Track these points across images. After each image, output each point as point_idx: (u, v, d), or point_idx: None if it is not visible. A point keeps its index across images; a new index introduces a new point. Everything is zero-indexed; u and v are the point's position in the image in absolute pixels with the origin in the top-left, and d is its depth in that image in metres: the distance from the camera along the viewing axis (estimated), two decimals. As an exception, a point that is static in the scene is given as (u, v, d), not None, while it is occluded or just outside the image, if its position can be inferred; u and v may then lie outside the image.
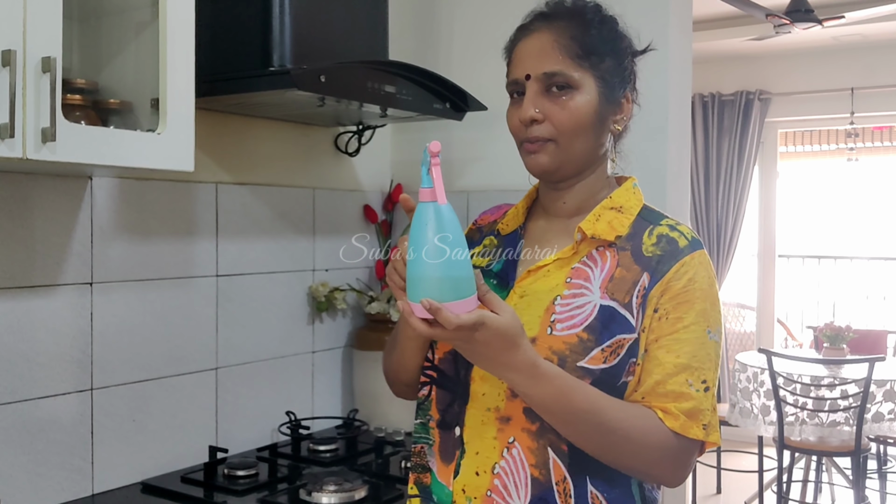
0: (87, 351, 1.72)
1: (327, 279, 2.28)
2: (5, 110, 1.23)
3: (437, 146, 1.05)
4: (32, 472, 1.63)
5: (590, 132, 1.21)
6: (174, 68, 1.49)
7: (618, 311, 1.16)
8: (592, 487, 1.15)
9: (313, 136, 2.26)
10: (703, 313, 1.15)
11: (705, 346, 1.15)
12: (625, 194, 1.26)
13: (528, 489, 1.15)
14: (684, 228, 1.22)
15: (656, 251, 1.18)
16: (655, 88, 2.09)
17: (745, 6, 3.96)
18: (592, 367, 1.13)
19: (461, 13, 2.38)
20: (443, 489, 1.21)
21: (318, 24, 1.87)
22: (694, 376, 1.13)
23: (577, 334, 1.14)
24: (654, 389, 1.13)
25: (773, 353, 3.90)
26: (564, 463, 1.14)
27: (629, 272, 1.17)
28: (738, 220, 6.08)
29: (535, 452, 1.15)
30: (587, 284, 1.18)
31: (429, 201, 1.05)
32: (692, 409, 1.12)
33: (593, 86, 1.20)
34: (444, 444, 1.23)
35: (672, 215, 1.27)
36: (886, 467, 4.50)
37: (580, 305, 1.16)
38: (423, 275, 1.05)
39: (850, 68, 5.69)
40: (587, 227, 1.20)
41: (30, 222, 1.62)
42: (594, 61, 1.20)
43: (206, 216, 1.97)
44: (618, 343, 1.15)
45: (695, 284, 1.15)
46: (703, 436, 1.13)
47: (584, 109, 1.20)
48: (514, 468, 1.16)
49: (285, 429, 2.12)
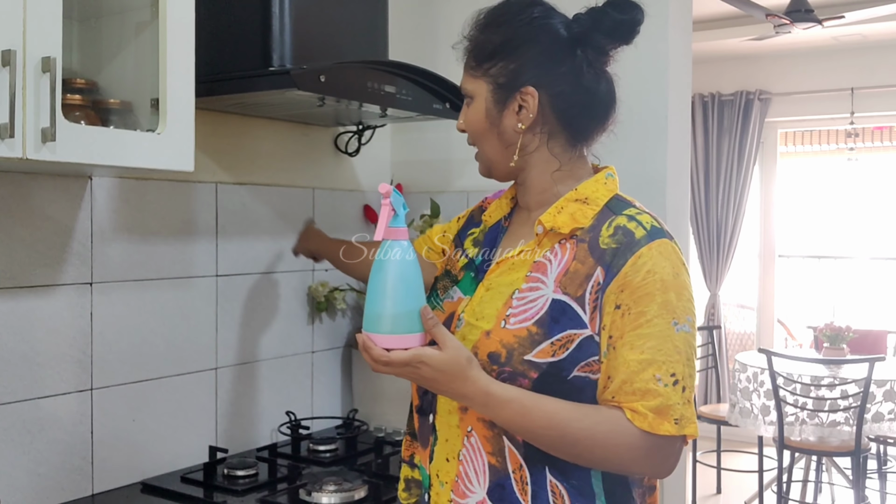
0: (87, 351, 1.72)
1: (327, 279, 2.28)
2: (5, 110, 1.23)
3: (385, 188, 1.14)
4: (32, 472, 1.63)
5: (489, 135, 1.25)
6: (174, 68, 1.49)
7: (569, 305, 1.15)
8: (551, 476, 1.16)
9: (313, 136, 2.26)
10: (665, 305, 1.12)
11: (671, 339, 1.12)
12: (592, 185, 1.23)
13: (487, 476, 1.18)
14: (646, 218, 1.18)
15: (612, 244, 1.15)
16: (655, 88, 2.09)
17: (745, 6, 3.95)
18: (539, 361, 1.14)
19: (461, 13, 2.37)
20: (423, 473, 1.29)
21: (318, 24, 1.87)
22: (661, 370, 1.11)
23: (528, 328, 1.16)
24: (621, 388, 1.12)
25: (773, 353, 3.90)
26: (520, 452, 1.17)
27: (583, 265, 1.16)
28: (738, 220, 6.08)
29: (490, 441, 1.19)
30: (543, 278, 1.18)
31: (385, 239, 1.16)
32: (660, 405, 1.10)
33: (484, 91, 1.24)
34: (421, 429, 1.29)
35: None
36: (886, 467, 4.50)
37: (534, 299, 1.17)
38: (369, 310, 1.14)
39: (850, 68, 5.69)
40: (546, 219, 1.21)
41: (30, 222, 1.62)
42: (486, 67, 1.23)
43: (205, 216, 1.97)
44: (567, 337, 1.14)
45: (654, 276, 1.12)
46: (676, 430, 1.10)
47: (475, 116, 1.25)
48: (473, 456, 1.20)
49: (285, 429, 2.12)
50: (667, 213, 2.07)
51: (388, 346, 1.12)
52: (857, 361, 3.91)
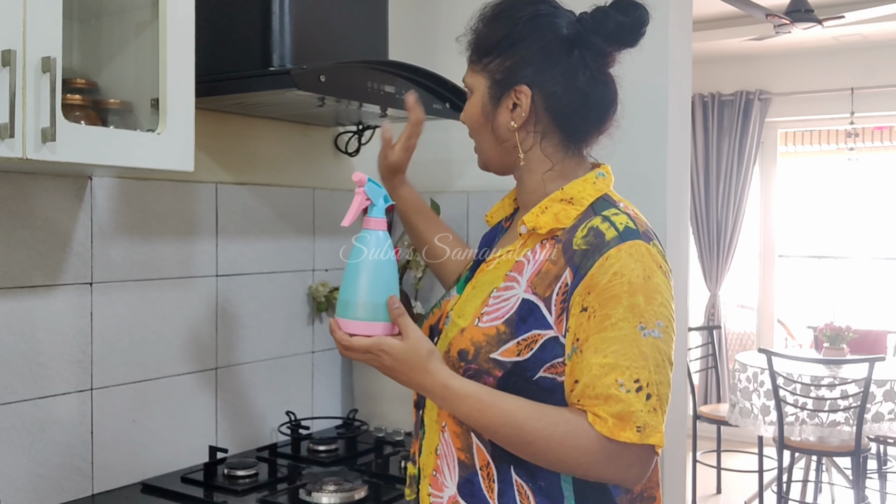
0: (87, 351, 1.72)
1: (327, 279, 2.28)
2: (5, 110, 1.23)
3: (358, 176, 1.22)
4: (32, 472, 1.63)
5: (484, 131, 1.26)
6: (174, 68, 1.49)
7: (537, 305, 1.15)
8: (516, 476, 1.17)
9: (313, 136, 2.26)
10: (632, 308, 1.09)
11: (637, 344, 1.08)
12: (580, 185, 1.21)
13: (457, 471, 1.20)
14: (621, 219, 1.15)
15: (582, 245, 1.14)
16: (655, 88, 2.09)
17: (745, 6, 3.96)
18: (504, 360, 1.15)
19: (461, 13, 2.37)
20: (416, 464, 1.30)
21: (318, 24, 1.87)
22: (625, 376, 1.07)
23: (497, 326, 1.16)
24: (584, 392, 1.10)
25: (773, 353, 3.90)
26: (487, 449, 1.18)
27: (555, 265, 1.15)
28: (738, 220, 6.08)
29: (459, 437, 1.20)
30: (519, 277, 1.19)
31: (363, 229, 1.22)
32: (621, 411, 1.07)
33: (482, 86, 1.24)
34: (416, 422, 1.31)
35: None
36: (886, 467, 4.50)
37: (507, 298, 1.18)
38: (341, 296, 1.20)
39: (850, 68, 5.69)
40: (529, 219, 1.21)
41: (30, 222, 1.62)
42: (485, 62, 1.23)
43: (206, 216, 1.97)
44: (532, 338, 1.14)
45: (621, 278, 1.09)
46: (638, 438, 1.07)
47: (471, 111, 1.26)
48: (446, 451, 1.22)
49: (285, 429, 2.12)
50: (667, 213, 2.06)
51: (354, 332, 1.17)
52: (857, 361, 3.91)
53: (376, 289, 1.18)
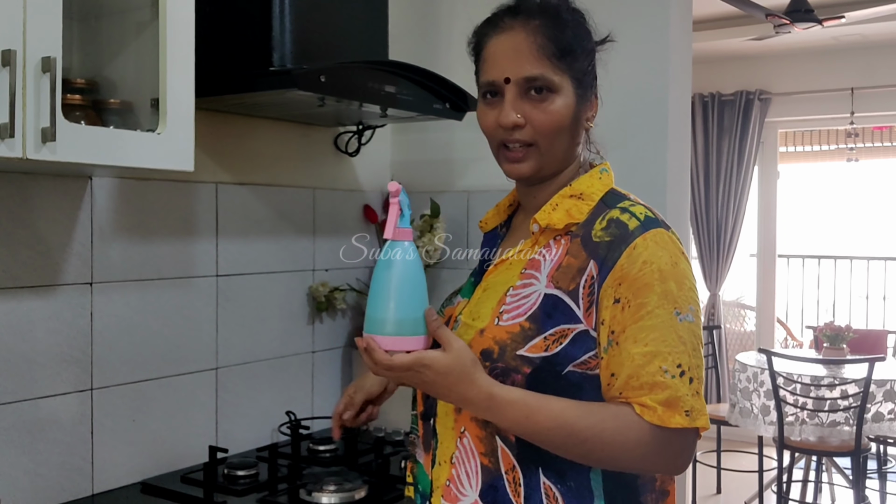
0: (87, 351, 1.72)
1: (327, 279, 2.28)
2: (5, 110, 1.23)
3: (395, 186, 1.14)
4: (32, 472, 1.63)
5: (567, 133, 1.21)
6: (174, 68, 1.49)
7: (562, 299, 1.14)
8: (545, 479, 1.15)
9: (313, 136, 2.26)
10: (665, 295, 1.10)
11: (675, 329, 1.10)
12: (587, 181, 1.23)
13: (479, 477, 1.17)
14: (639, 209, 1.17)
15: (605, 237, 1.14)
16: (655, 88, 2.09)
17: (745, 6, 3.95)
18: (532, 356, 1.13)
19: (461, 13, 2.38)
20: (426, 478, 1.26)
21: (318, 24, 1.87)
22: (667, 362, 1.09)
23: (520, 323, 1.15)
24: (627, 384, 1.09)
25: (773, 353, 3.90)
26: (513, 452, 1.15)
27: (576, 259, 1.15)
28: (738, 220, 6.08)
29: (483, 441, 1.17)
30: (537, 274, 1.18)
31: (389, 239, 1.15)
32: (669, 398, 1.08)
33: (570, 87, 1.20)
34: (425, 433, 1.27)
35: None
36: (886, 467, 4.50)
37: (527, 295, 1.16)
38: (371, 312, 1.13)
39: (850, 68, 5.69)
40: (541, 217, 1.20)
41: (30, 222, 1.62)
42: (569, 62, 1.19)
43: (206, 216, 1.97)
44: (560, 332, 1.13)
45: (651, 266, 1.10)
46: (687, 423, 1.08)
47: (564, 112, 1.19)
48: (465, 457, 1.18)
49: (285, 429, 2.12)
50: (667, 213, 2.06)
51: (390, 349, 1.11)
52: (857, 361, 3.91)
53: (412, 301, 1.12)
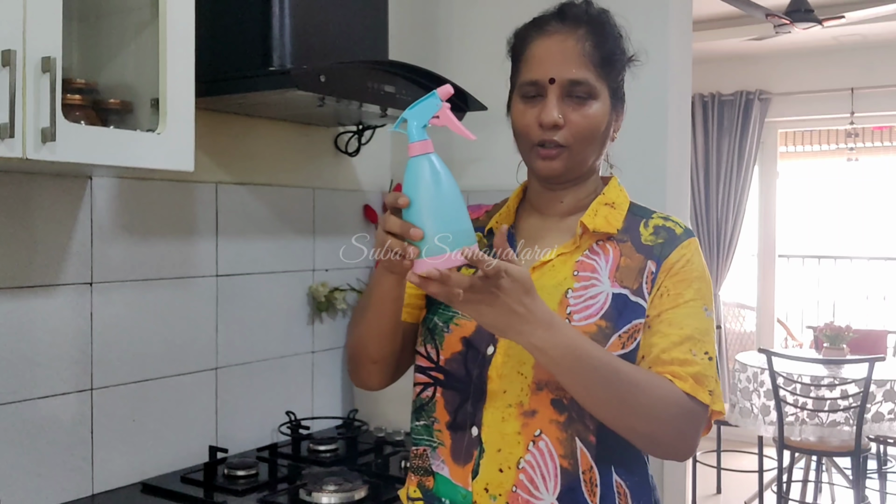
0: (86, 351, 1.72)
1: (327, 279, 2.28)
2: (5, 110, 1.23)
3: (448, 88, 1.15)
4: (32, 472, 1.63)
5: (598, 141, 1.25)
6: (174, 68, 1.49)
7: (629, 297, 1.20)
8: (616, 476, 1.19)
9: (313, 136, 2.26)
10: (699, 291, 1.21)
11: (704, 322, 1.20)
12: (615, 191, 1.30)
13: (558, 480, 1.17)
14: (676, 219, 1.29)
15: (657, 240, 1.24)
16: (655, 88, 2.09)
17: (745, 6, 3.95)
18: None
19: (461, 13, 2.38)
20: (457, 491, 1.21)
21: (318, 24, 1.87)
22: (697, 347, 1.17)
23: (596, 323, 1.17)
24: (658, 357, 1.16)
25: (773, 353, 3.90)
26: (591, 453, 1.17)
27: (633, 260, 1.22)
28: (738, 220, 6.08)
29: (563, 443, 1.17)
30: (596, 276, 1.21)
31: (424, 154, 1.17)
32: (698, 373, 1.15)
33: (607, 96, 1.24)
34: (456, 445, 1.22)
35: (672, 215, 1.30)
36: (886, 467, 4.49)
37: (593, 296, 1.20)
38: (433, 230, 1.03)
39: (850, 68, 5.69)
40: (588, 221, 1.24)
41: (30, 222, 1.62)
42: (609, 71, 1.24)
43: (206, 216, 1.97)
44: (633, 328, 1.19)
45: (692, 265, 1.22)
46: (710, 401, 1.15)
47: (600, 119, 1.23)
48: (541, 461, 1.17)
49: (285, 429, 2.12)
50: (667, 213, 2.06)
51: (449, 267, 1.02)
52: (857, 361, 3.91)
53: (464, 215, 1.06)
